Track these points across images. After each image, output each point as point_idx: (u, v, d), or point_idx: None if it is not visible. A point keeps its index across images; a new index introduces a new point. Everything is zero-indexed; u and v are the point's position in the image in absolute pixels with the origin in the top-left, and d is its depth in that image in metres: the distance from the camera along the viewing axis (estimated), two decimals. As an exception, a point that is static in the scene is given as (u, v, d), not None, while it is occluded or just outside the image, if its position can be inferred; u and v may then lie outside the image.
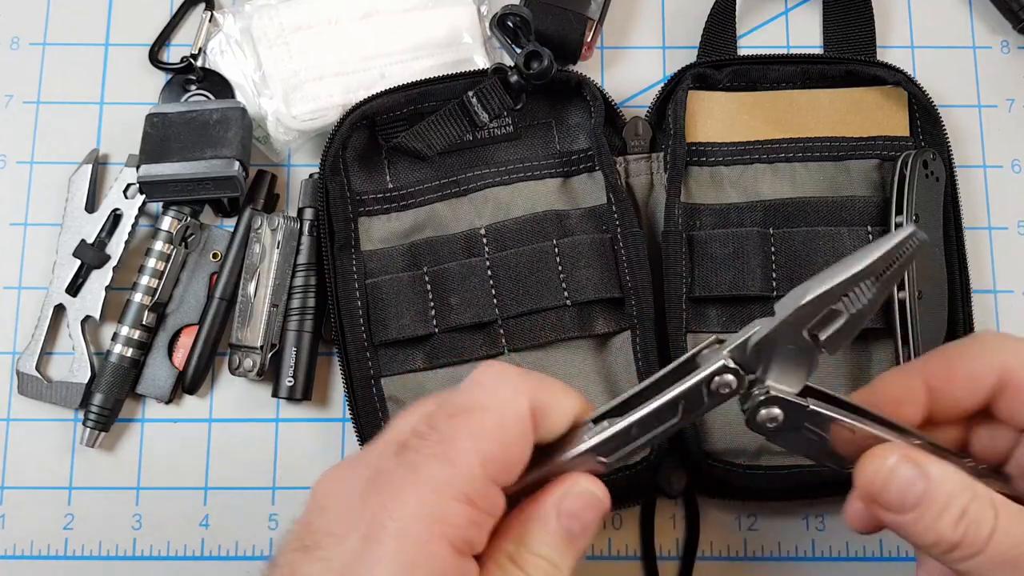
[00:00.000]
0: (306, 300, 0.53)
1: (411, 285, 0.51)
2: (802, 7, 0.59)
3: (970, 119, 0.57)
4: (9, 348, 0.54)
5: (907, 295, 0.49)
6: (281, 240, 0.53)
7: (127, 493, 0.52)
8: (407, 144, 0.52)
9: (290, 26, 0.55)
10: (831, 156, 0.52)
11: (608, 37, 0.58)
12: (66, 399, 0.52)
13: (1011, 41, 0.58)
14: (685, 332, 0.50)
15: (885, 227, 0.50)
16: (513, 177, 0.53)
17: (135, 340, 0.52)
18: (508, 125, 0.54)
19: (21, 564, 0.52)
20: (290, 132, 0.54)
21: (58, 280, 0.53)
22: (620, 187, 0.51)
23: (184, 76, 0.56)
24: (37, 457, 0.53)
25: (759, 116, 0.53)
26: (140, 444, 0.53)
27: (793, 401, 0.35)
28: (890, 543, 0.51)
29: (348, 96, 0.54)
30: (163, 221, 0.53)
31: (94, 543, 0.52)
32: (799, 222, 0.51)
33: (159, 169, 0.52)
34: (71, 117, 0.57)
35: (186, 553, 0.52)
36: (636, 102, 0.57)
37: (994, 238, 0.55)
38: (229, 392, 0.54)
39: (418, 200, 0.53)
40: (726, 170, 0.52)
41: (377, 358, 0.51)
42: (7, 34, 0.58)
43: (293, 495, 0.52)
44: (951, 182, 0.52)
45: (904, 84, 0.53)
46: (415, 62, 0.55)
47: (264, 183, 0.55)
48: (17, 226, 0.56)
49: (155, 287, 0.53)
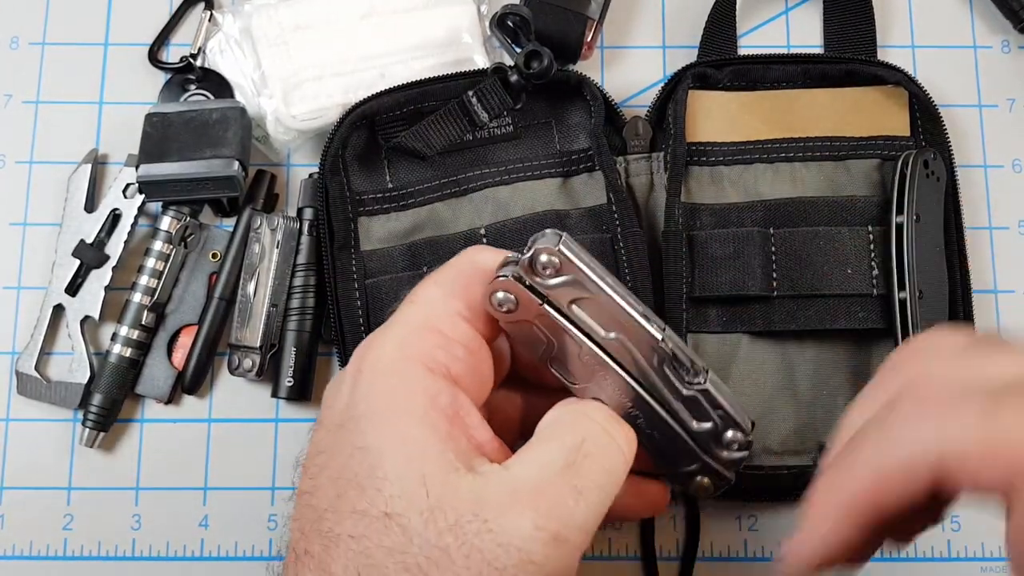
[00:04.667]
0: (305, 300, 0.53)
1: (411, 285, 0.50)
2: (802, 7, 0.59)
3: (971, 119, 0.57)
4: (8, 348, 0.54)
5: (907, 295, 0.49)
6: (281, 240, 0.53)
7: (126, 493, 0.52)
8: (407, 144, 0.52)
9: (290, 26, 0.55)
10: (831, 156, 0.52)
11: (608, 37, 0.58)
12: (65, 399, 0.52)
13: (1011, 41, 0.58)
14: (685, 332, 0.50)
15: (885, 227, 0.50)
16: (513, 177, 0.53)
17: (134, 340, 0.52)
18: (508, 125, 0.54)
19: (20, 564, 0.52)
20: (289, 132, 0.54)
21: (57, 280, 0.53)
22: (620, 187, 0.51)
23: (183, 76, 0.56)
24: (36, 457, 0.53)
25: (759, 116, 0.53)
26: (139, 444, 0.53)
27: (530, 293, 0.35)
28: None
29: (348, 96, 0.54)
30: (162, 221, 0.53)
31: (93, 543, 0.52)
32: (799, 222, 0.51)
33: (158, 169, 0.52)
34: (70, 117, 0.57)
35: (186, 553, 0.52)
36: (636, 102, 0.57)
37: (995, 238, 0.55)
38: (228, 392, 0.54)
39: (418, 200, 0.53)
40: (726, 170, 0.52)
41: (377, 358, 0.51)
42: (7, 34, 0.58)
43: (293, 495, 0.52)
44: (952, 182, 0.52)
45: (904, 84, 0.53)
46: (415, 62, 0.55)
47: (264, 183, 0.55)
48: (16, 226, 0.55)
49: (154, 287, 0.52)
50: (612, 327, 0.36)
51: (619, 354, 0.36)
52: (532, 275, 0.35)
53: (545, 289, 0.35)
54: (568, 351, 0.36)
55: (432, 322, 0.35)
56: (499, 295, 0.35)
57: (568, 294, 0.36)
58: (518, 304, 0.36)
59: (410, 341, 0.34)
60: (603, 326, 0.36)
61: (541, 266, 0.35)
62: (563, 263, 0.35)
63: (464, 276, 0.36)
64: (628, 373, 0.37)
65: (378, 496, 0.31)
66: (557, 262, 0.35)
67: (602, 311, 0.36)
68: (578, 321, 0.36)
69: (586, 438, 0.33)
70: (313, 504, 0.33)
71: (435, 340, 0.34)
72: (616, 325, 0.36)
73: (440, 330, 0.35)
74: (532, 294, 0.35)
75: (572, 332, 0.36)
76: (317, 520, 0.32)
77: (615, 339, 0.36)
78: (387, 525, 0.31)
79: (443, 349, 0.34)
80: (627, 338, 0.36)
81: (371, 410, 0.33)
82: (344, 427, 0.33)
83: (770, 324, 0.50)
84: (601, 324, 0.36)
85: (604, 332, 0.36)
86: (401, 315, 0.36)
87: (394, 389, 0.33)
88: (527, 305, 0.36)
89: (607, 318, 0.36)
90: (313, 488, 0.33)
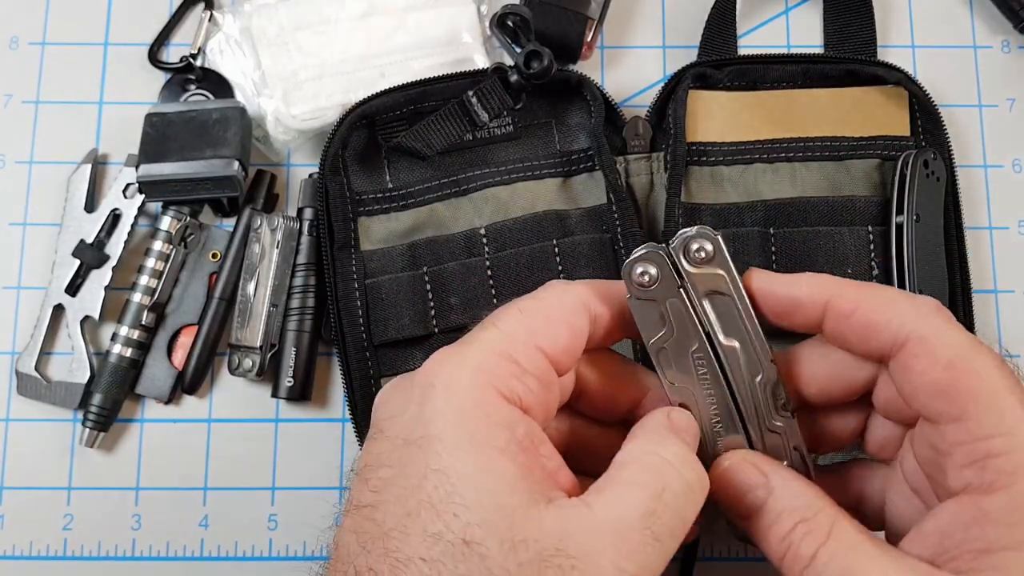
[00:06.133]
0: (305, 300, 0.53)
1: (411, 285, 0.51)
2: (802, 7, 0.59)
3: (971, 119, 0.57)
4: (8, 348, 0.54)
5: (907, 295, 0.49)
6: (281, 240, 0.53)
7: (126, 493, 0.52)
8: (407, 144, 0.52)
9: (290, 26, 0.55)
10: (831, 156, 0.52)
11: (608, 37, 0.58)
12: (65, 399, 0.52)
13: (1011, 40, 0.58)
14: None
15: (885, 227, 0.50)
16: (513, 177, 0.53)
17: (134, 340, 0.52)
18: (508, 125, 0.54)
19: (20, 564, 0.52)
20: (290, 132, 0.54)
21: (57, 280, 0.53)
22: (620, 187, 0.51)
23: (183, 76, 0.56)
24: (36, 457, 0.53)
25: (759, 116, 0.53)
26: (139, 444, 0.53)
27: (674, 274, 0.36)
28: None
29: (348, 96, 0.54)
30: (162, 221, 0.53)
31: (93, 543, 0.52)
32: (800, 222, 0.51)
33: (158, 169, 0.52)
34: (70, 117, 0.57)
35: (186, 553, 0.52)
36: (636, 102, 0.57)
37: (994, 238, 0.55)
38: (228, 392, 0.54)
39: (418, 200, 0.53)
40: (726, 170, 0.52)
41: (377, 358, 0.51)
42: (7, 34, 0.58)
43: (293, 495, 0.52)
44: (952, 182, 0.52)
45: (905, 83, 0.53)
46: (415, 62, 0.55)
47: (264, 183, 0.55)
48: (16, 226, 0.55)
49: (154, 287, 0.52)
50: (733, 333, 0.37)
51: (729, 363, 0.37)
52: (682, 257, 0.36)
53: (689, 274, 0.36)
54: (681, 344, 0.37)
55: (511, 351, 0.34)
56: (641, 267, 0.36)
57: (707, 285, 0.36)
58: (657, 280, 0.36)
59: (487, 367, 0.34)
60: (724, 329, 0.37)
61: (695, 249, 0.36)
62: (716, 253, 0.36)
63: (547, 309, 0.36)
64: (729, 385, 0.37)
65: (455, 522, 0.31)
66: (711, 250, 0.36)
67: (730, 313, 0.37)
68: (706, 315, 0.37)
69: (667, 487, 0.33)
70: (376, 519, 0.32)
71: (512, 370, 0.34)
72: (737, 332, 0.37)
73: (518, 360, 0.34)
74: (676, 274, 0.36)
75: (697, 323, 0.37)
76: (382, 537, 0.31)
77: (731, 346, 0.37)
78: (465, 552, 0.30)
79: (519, 379, 0.34)
80: (742, 349, 0.37)
81: (447, 432, 0.32)
82: (415, 444, 0.33)
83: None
84: (723, 326, 0.37)
85: (723, 336, 0.37)
86: (480, 338, 0.35)
87: (471, 414, 0.33)
88: (666, 283, 0.36)
89: (732, 322, 0.37)
90: (377, 502, 0.33)
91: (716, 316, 0.37)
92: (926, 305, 0.35)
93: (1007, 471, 0.31)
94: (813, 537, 0.33)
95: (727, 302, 0.37)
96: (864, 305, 0.35)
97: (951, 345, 0.33)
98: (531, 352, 0.35)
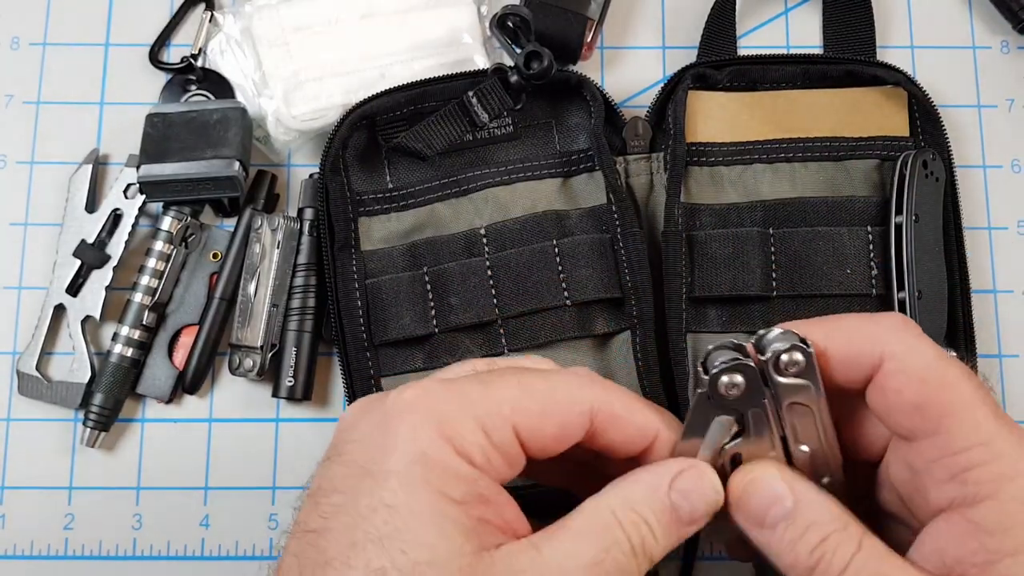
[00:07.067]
0: (306, 300, 0.53)
1: (411, 285, 0.51)
2: (802, 7, 0.59)
3: (970, 119, 0.57)
4: (9, 348, 0.54)
5: (907, 295, 0.49)
6: (281, 240, 0.53)
7: (127, 493, 0.52)
8: (407, 144, 0.52)
9: (290, 26, 0.55)
10: (831, 156, 0.52)
11: (608, 37, 0.58)
12: (66, 399, 0.52)
13: (1011, 41, 0.58)
14: (685, 332, 0.50)
15: (885, 227, 0.50)
16: (513, 177, 0.53)
17: (135, 340, 0.52)
18: (508, 125, 0.54)
19: (21, 564, 0.52)
20: (290, 132, 0.54)
21: (58, 280, 0.53)
22: (620, 187, 0.51)
23: (184, 76, 0.57)
24: (37, 457, 0.53)
25: (759, 116, 0.53)
26: (140, 444, 0.53)
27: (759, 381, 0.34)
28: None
29: (348, 96, 0.54)
30: (163, 221, 0.53)
31: (94, 543, 0.52)
32: (799, 222, 0.51)
33: (159, 169, 0.52)
34: (71, 117, 0.57)
35: (186, 553, 0.52)
36: (636, 102, 0.57)
37: (994, 238, 0.55)
38: (229, 392, 0.54)
39: (418, 200, 0.53)
40: (726, 170, 0.52)
41: (377, 358, 0.51)
42: (7, 34, 0.58)
43: (293, 495, 0.52)
44: (951, 182, 0.52)
45: (904, 84, 0.53)
46: (415, 62, 0.55)
47: (264, 183, 0.55)
48: (17, 226, 0.56)
49: (155, 287, 0.53)
50: (807, 442, 0.36)
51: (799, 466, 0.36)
52: (772, 369, 0.34)
53: (778, 385, 0.34)
54: (753, 450, 0.35)
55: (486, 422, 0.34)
56: (728, 378, 0.34)
57: (792, 395, 0.35)
58: (744, 392, 0.34)
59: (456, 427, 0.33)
60: (797, 437, 0.35)
61: (785, 364, 0.34)
62: (807, 367, 0.34)
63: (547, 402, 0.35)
64: None
65: (402, 558, 0.31)
66: (803, 363, 0.34)
67: (807, 423, 0.35)
68: (786, 425, 0.35)
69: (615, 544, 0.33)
70: (320, 546, 0.32)
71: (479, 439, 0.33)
72: (812, 441, 0.35)
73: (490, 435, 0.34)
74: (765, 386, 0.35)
75: (775, 434, 0.35)
76: (323, 565, 0.31)
77: (803, 454, 0.36)
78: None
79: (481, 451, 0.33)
80: (813, 459, 0.36)
81: (407, 471, 0.32)
82: (371, 476, 0.32)
83: (770, 324, 0.50)
84: (797, 434, 0.35)
85: (796, 443, 0.36)
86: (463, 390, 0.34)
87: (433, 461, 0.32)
88: (751, 395, 0.34)
89: (808, 431, 0.35)
90: (323, 528, 0.32)
91: (793, 423, 0.35)
92: (890, 320, 0.35)
93: (988, 481, 0.32)
94: (846, 547, 0.33)
95: (805, 411, 0.35)
96: (833, 342, 0.35)
97: (922, 360, 0.33)
98: (506, 433, 0.34)
